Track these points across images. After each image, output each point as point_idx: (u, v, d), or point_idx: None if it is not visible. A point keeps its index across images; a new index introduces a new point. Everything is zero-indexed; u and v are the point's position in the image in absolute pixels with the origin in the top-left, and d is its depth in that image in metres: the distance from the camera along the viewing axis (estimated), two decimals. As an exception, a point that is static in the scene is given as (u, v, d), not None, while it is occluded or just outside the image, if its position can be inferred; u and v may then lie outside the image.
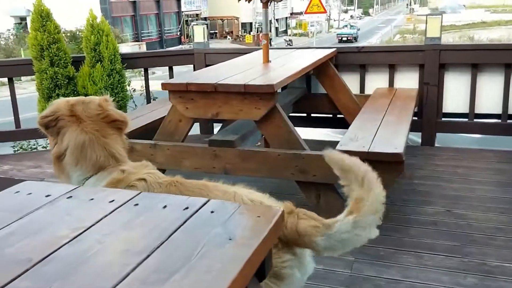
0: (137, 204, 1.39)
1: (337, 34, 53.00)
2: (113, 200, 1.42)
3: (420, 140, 5.54)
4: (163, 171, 3.75)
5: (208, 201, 1.39)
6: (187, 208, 1.34)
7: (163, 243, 1.17)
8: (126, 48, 26.75)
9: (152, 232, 1.23)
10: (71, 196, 1.48)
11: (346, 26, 59.03)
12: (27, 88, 18.23)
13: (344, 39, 49.80)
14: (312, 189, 3.54)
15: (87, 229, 1.26)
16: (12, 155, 6.16)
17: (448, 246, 3.31)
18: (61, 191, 1.52)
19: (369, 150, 3.24)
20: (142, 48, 35.69)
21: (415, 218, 3.76)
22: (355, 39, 50.30)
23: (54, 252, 1.16)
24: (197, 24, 5.96)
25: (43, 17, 5.34)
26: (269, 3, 4.30)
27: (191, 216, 1.30)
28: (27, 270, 1.09)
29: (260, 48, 5.05)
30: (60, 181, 2.27)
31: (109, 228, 1.27)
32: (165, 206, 1.37)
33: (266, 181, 4.08)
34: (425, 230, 3.57)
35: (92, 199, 1.45)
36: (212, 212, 1.32)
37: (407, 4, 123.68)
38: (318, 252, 1.81)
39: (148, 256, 1.12)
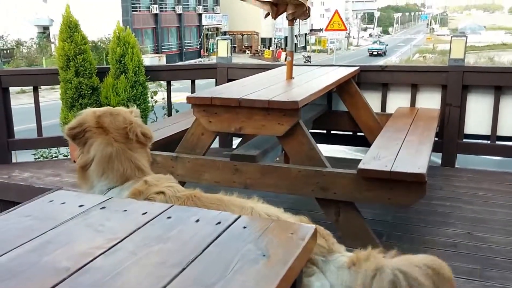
0: (170, 217, 1.41)
1: (368, 49, 59.28)
2: (146, 212, 1.44)
3: (439, 161, 5.50)
4: (183, 183, 3.81)
5: (239, 216, 1.40)
6: (219, 222, 1.36)
7: (197, 256, 1.18)
8: (146, 60, 27.03)
9: (186, 245, 1.25)
10: (104, 207, 1.50)
11: (375, 42, 66.12)
12: (46, 97, 18.53)
13: (375, 53, 55.91)
14: (331, 207, 3.53)
15: (121, 240, 1.28)
16: (32, 163, 6.24)
17: (469, 269, 3.27)
18: (94, 201, 1.54)
19: (392, 170, 3.23)
20: (162, 60, 36.08)
21: (435, 240, 3.73)
22: (384, 53, 56.20)
23: (90, 262, 1.18)
24: (221, 39, 6.03)
25: (71, 28, 5.42)
26: (294, 20, 4.34)
27: (224, 231, 1.31)
28: (65, 279, 1.11)
29: (283, 64, 5.09)
30: (81, 189, 2.31)
31: (143, 240, 1.28)
32: (197, 220, 1.38)
33: (283, 197, 4.09)
34: (445, 252, 3.53)
35: (125, 210, 1.47)
36: (244, 227, 1.34)
37: (427, 24, 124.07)
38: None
39: (184, 269, 1.13)
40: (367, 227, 3.54)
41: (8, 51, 33.77)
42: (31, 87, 5.90)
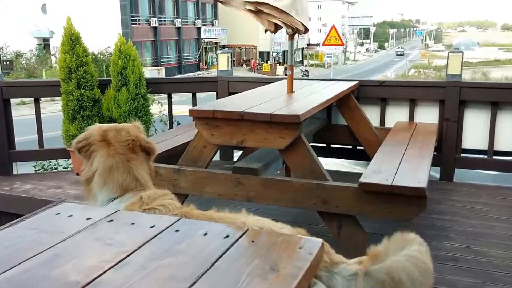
0: (177, 230, 1.42)
1: (395, 51, 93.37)
2: (154, 226, 1.44)
3: (438, 175, 5.53)
4: (186, 196, 3.82)
5: (247, 230, 1.41)
6: (227, 236, 1.37)
7: (207, 271, 1.19)
8: (145, 72, 27.08)
9: (195, 259, 1.25)
10: (112, 220, 1.51)
11: (398, 48, 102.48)
12: (46, 108, 18.52)
13: (399, 54, 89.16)
14: (333, 220, 3.53)
15: (130, 254, 1.29)
16: (34, 175, 6.23)
17: (469, 283, 3.28)
18: (101, 214, 1.55)
19: (393, 184, 3.24)
20: (161, 73, 36.14)
21: (435, 253, 3.68)
22: (403, 54, 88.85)
23: (100, 276, 1.18)
24: (221, 52, 6.07)
25: (73, 40, 5.44)
26: (294, 35, 4.38)
27: (232, 245, 1.32)
28: (75, 293, 1.11)
29: (283, 78, 5.12)
30: (88, 202, 2.34)
31: (152, 254, 1.29)
32: (205, 234, 1.39)
33: (286, 210, 4.09)
34: (445, 266, 3.54)
35: (133, 223, 1.48)
36: (252, 241, 1.34)
37: (422, 40, 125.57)
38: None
39: (194, 283, 1.13)
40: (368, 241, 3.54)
41: (8, 63, 33.79)
42: (31, 99, 5.90)
